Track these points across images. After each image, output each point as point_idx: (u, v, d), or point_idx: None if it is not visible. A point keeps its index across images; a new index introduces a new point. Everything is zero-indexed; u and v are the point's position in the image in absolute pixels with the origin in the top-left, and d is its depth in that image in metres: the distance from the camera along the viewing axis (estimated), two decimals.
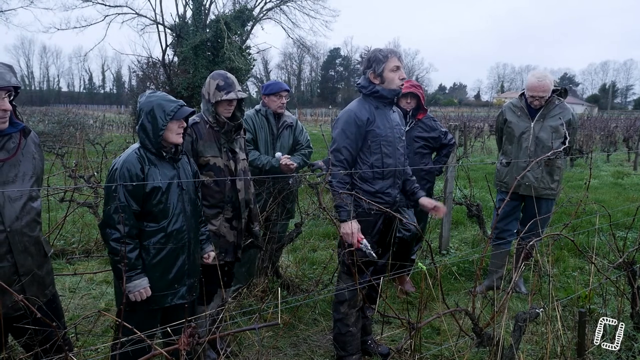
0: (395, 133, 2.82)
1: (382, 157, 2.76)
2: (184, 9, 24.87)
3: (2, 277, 1.83)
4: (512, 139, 4.00)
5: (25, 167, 1.96)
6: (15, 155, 1.92)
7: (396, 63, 2.72)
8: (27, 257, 1.96)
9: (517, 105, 4.01)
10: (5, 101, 1.82)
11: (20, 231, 1.92)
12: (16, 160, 1.92)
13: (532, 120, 3.89)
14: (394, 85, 2.74)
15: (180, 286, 2.36)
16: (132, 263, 2.20)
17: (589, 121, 24.17)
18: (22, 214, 1.93)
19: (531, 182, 3.84)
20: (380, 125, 2.74)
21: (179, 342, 1.36)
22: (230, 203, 2.82)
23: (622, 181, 10.12)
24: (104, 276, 4.19)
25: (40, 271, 2.04)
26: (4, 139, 1.89)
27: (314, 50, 49.11)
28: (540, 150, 3.81)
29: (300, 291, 3.94)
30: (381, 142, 2.74)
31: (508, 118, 4.04)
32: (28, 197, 1.97)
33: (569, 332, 2.70)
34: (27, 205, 1.96)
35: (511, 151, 4.01)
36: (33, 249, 1.99)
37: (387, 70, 2.72)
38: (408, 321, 1.94)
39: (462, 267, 4.65)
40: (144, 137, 2.28)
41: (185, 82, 21.72)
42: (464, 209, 5.99)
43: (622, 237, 4.59)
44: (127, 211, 2.18)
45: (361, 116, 2.72)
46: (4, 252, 1.87)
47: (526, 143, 3.89)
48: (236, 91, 2.74)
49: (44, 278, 2.06)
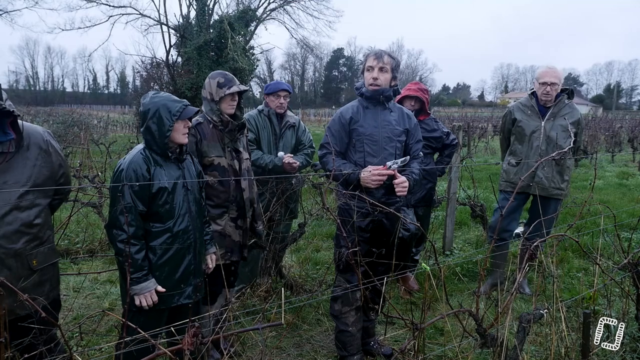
0: (384, 133, 2.82)
1: (365, 156, 2.80)
2: (188, 9, 24.92)
3: None
4: (522, 138, 3.96)
5: (16, 176, 1.90)
6: (6, 163, 1.87)
7: (370, 63, 2.81)
8: (3, 269, 1.86)
9: (527, 105, 3.99)
10: None
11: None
12: (5, 168, 1.87)
13: (542, 119, 3.89)
14: (366, 84, 2.84)
15: (186, 286, 2.37)
16: (139, 264, 2.20)
17: (594, 121, 24.08)
18: (2, 224, 1.85)
19: (542, 182, 3.84)
20: (365, 124, 2.80)
21: (182, 342, 1.36)
22: (235, 202, 2.83)
23: (627, 182, 10.07)
24: (108, 276, 4.20)
25: (26, 284, 1.94)
26: None
27: (317, 50, 49.08)
28: (551, 149, 3.81)
29: (304, 291, 3.94)
30: (364, 141, 2.80)
31: (517, 117, 4.00)
32: (13, 207, 1.88)
33: (574, 334, 2.69)
34: (10, 215, 1.88)
35: (521, 151, 3.97)
36: (12, 262, 1.90)
37: (365, 70, 2.85)
38: (411, 322, 1.93)
39: (466, 267, 4.63)
40: (149, 139, 2.29)
41: (189, 83, 21.76)
42: (467, 210, 5.98)
43: (627, 238, 4.57)
44: (133, 212, 2.18)
45: (345, 115, 2.86)
46: None
47: (537, 142, 3.87)
48: (237, 84, 2.78)
49: (28, 291, 1.92)
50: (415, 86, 4.07)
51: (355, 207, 2.69)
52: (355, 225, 2.76)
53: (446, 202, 5.21)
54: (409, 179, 2.80)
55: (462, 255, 5.04)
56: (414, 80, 5.61)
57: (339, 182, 2.79)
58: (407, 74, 79.28)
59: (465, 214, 6.34)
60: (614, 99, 74.64)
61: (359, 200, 2.54)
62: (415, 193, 4.06)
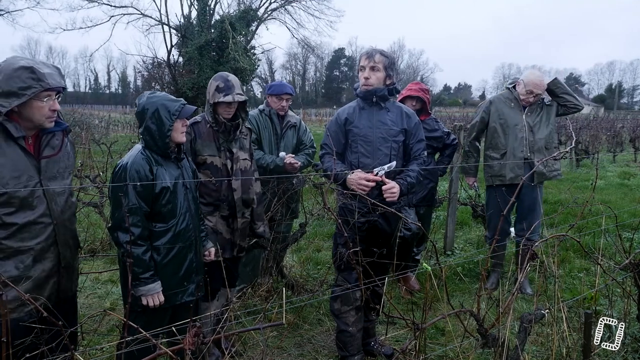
0: (378, 133, 2.79)
1: (359, 157, 2.80)
2: (189, 9, 24.98)
3: (45, 269, 1.95)
4: (506, 130, 4.05)
5: (64, 164, 2.08)
6: (59, 152, 2.04)
7: (362, 63, 2.81)
8: (67, 249, 2.07)
9: (510, 97, 4.10)
10: (55, 102, 1.93)
11: (64, 224, 2.04)
12: (59, 157, 2.04)
13: (523, 112, 4.03)
14: (360, 84, 2.84)
15: (189, 284, 2.39)
16: (147, 264, 2.21)
17: (595, 121, 24.03)
18: (65, 208, 2.05)
19: (540, 170, 3.96)
20: (359, 125, 2.80)
21: (184, 341, 1.36)
22: (226, 202, 2.85)
23: (629, 182, 10.05)
24: (109, 275, 4.21)
25: (74, 264, 2.15)
26: (49, 137, 2.01)
27: (318, 50, 49.25)
28: (537, 140, 3.98)
29: (305, 291, 3.94)
30: (358, 142, 2.80)
31: (500, 109, 4.09)
32: (69, 193, 2.10)
33: (575, 334, 2.68)
34: (69, 200, 2.10)
35: (504, 144, 4.06)
36: (72, 242, 2.11)
37: (359, 70, 2.85)
38: (412, 322, 1.93)
39: (467, 267, 4.63)
40: (149, 139, 2.29)
41: (190, 82, 21.80)
42: (468, 210, 5.97)
43: (628, 238, 4.55)
44: (138, 213, 2.19)
45: (341, 115, 2.88)
46: (50, 243, 1.97)
47: (522, 133, 3.99)
48: (234, 94, 2.76)
49: (74, 271, 2.17)
50: (417, 86, 4.09)
51: (355, 207, 2.69)
52: (347, 224, 2.75)
53: (447, 202, 5.21)
54: (401, 183, 2.73)
55: (463, 255, 5.04)
56: (415, 80, 5.61)
57: (339, 183, 2.79)
58: (408, 74, 79.27)
59: (467, 214, 6.33)
60: (616, 98, 74.52)
61: (359, 201, 2.54)
62: (416, 193, 4.06)
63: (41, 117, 1.90)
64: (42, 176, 1.94)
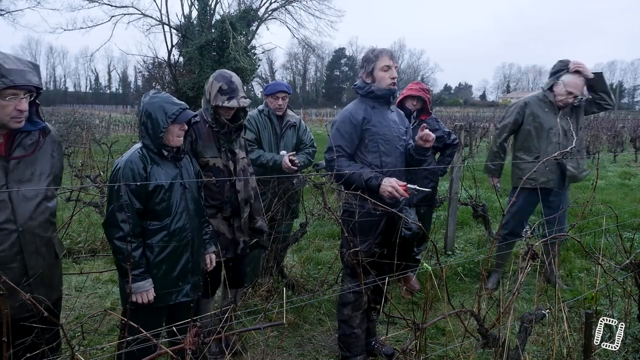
0: (393, 132, 2.81)
1: (380, 156, 2.75)
2: (190, 9, 24.99)
3: (10, 279, 1.76)
4: (540, 133, 3.92)
5: (42, 166, 1.93)
6: (33, 153, 1.89)
7: (387, 62, 2.73)
8: (38, 258, 1.92)
9: (544, 100, 3.94)
10: (23, 101, 1.78)
11: (33, 231, 1.88)
12: (33, 158, 1.90)
13: (557, 115, 3.90)
14: (384, 84, 2.75)
15: (184, 284, 2.38)
16: (136, 261, 2.21)
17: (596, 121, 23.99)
18: (35, 214, 1.90)
19: (572, 172, 3.89)
20: (377, 124, 2.76)
21: (184, 341, 1.36)
22: (229, 203, 2.82)
23: (629, 182, 10.04)
24: (109, 275, 4.21)
25: (50, 273, 2.00)
26: (21, 136, 1.87)
27: (319, 50, 49.24)
28: (570, 145, 3.79)
29: (305, 291, 3.94)
30: (378, 140, 2.75)
31: (536, 112, 3.94)
32: (43, 197, 1.94)
33: (575, 334, 2.68)
34: (42, 204, 1.93)
35: (537, 147, 3.93)
36: (44, 250, 1.96)
37: (377, 69, 2.75)
38: (413, 322, 1.93)
39: (468, 267, 4.63)
40: (145, 137, 2.31)
41: (191, 82, 21.81)
42: (469, 210, 5.97)
43: (629, 238, 4.55)
44: (130, 210, 2.19)
45: (356, 115, 2.75)
46: (15, 252, 1.82)
47: (556, 138, 3.86)
48: (239, 98, 2.68)
49: (52, 280, 2.03)
50: (417, 86, 4.09)
51: (375, 210, 2.61)
52: (372, 229, 2.74)
53: (448, 202, 5.21)
54: None
55: (463, 255, 5.03)
56: (415, 80, 5.61)
57: (366, 188, 2.69)
58: (408, 74, 79.24)
59: (467, 214, 6.33)
60: (616, 98, 74.34)
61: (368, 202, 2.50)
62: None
63: (5, 117, 1.76)
64: (9, 178, 1.81)
